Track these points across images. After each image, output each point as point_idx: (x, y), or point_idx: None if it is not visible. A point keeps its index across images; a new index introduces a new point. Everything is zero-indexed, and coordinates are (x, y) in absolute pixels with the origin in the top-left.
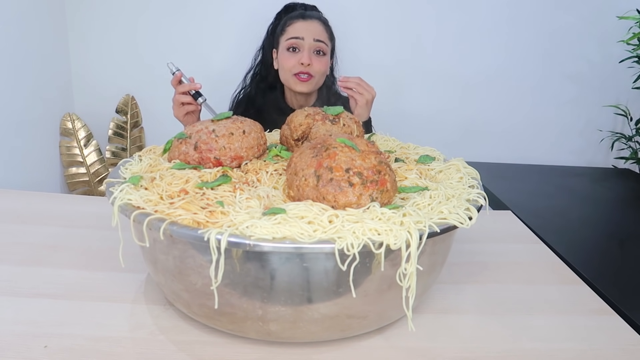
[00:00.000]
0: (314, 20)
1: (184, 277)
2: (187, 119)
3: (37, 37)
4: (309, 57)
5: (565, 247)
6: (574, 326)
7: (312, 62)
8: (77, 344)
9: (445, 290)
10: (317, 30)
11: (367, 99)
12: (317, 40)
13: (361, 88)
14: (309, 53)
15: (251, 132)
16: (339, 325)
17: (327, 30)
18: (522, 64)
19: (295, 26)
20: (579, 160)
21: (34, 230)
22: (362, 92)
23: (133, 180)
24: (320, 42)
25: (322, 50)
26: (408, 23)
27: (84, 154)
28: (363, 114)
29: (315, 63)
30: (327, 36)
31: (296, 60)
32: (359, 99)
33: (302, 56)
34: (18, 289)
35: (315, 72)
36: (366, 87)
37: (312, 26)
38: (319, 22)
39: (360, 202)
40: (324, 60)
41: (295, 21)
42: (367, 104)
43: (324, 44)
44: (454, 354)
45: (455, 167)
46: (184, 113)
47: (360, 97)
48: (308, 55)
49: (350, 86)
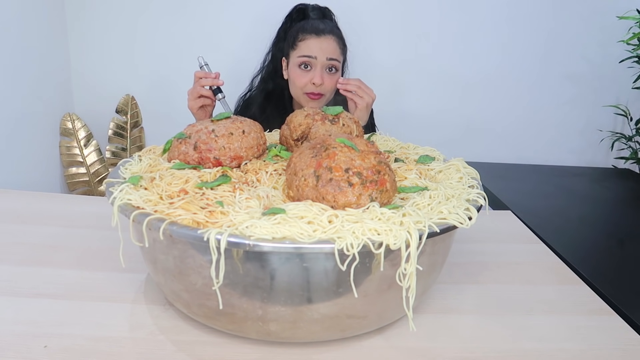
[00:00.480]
0: (328, 37)
1: (183, 277)
2: (200, 113)
3: (36, 37)
4: (321, 77)
5: (564, 247)
6: (573, 326)
7: (324, 81)
8: (77, 344)
9: (445, 290)
10: (330, 47)
11: (367, 102)
12: (330, 59)
13: (361, 91)
14: (321, 72)
15: (251, 132)
16: (339, 325)
17: (340, 44)
18: (522, 64)
19: (308, 43)
20: (579, 160)
21: (34, 230)
22: (362, 95)
23: (133, 180)
24: (333, 60)
25: (334, 67)
26: (408, 23)
27: (84, 154)
28: (363, 117)
29: (327, 82)
30: (340, 52)
31: (308, 79)
32: (359, 102)
33: (314, 75)
34: (18, 289)
35: (327, 91)
36: (366, 90)
37: (326, 43)
38: (333, 37)
39: (360, 202)
40: (336, 77)
41: (307, 37)
42: (367, 107)
43: (337, 60)
44: (454, 354)
45: (455, 167)
46: (199, 106)
47: (360, 101)
48: (320, 75)
49: (350, 89)
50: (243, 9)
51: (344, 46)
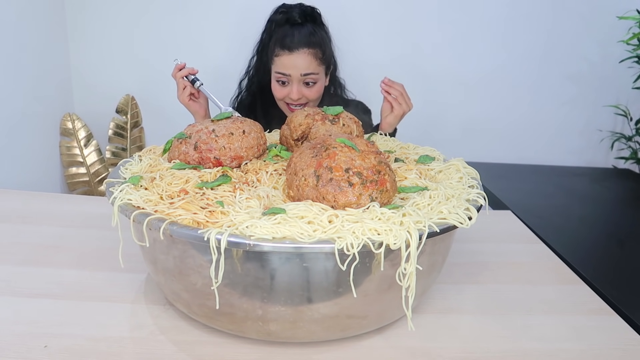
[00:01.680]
0: (301, 52)
1: (184, 277)
2: (191, 105)
3: (36, 37)
4: (297, 92)
5: (565, 247)
6: (573, 326)
7: (303, 93)
8: (77, 344)
9: (445, 290)
10: (304, 63)
11: (404, 110)
12: (305, 74)
13: (402, 98)
14: (298, 87)
15: (251, 132)
16: (339, 325)
17: (318, 55)
18: (522, 64)
19: (282, 60)
20: (578, 160)
21: (34, 230)
22: (402, 102)
23: (133, 180)
24: (309, 74)
25: (311, 80)
26: (408, 23)
27: (84, 154)
28: (393, 123)
29: (307, 93)
30: (317, 63)
31: (286, 93)
32: (396, 108)
33: (290, 91)
34: (18, 289)
35: (309, 99)
36: (406, 99)
37: (299, 60)
38: (307, 51)
39: (360, 202)
40: (315, 88)
41: (281, 54)
42: (402, 115)
43: (314, 74)
44: (454, 354)
45: (455, 167)
46: (187, 96)
47: (398, 107)
48: (297, 90)
49: (392, 92)
50: (243, 8)
51: (324, 53)
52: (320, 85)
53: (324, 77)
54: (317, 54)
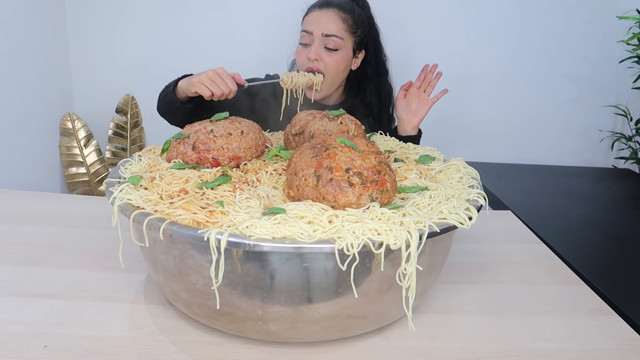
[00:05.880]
0: (330, 10)
1: (184, 277)
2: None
3: (36, 38)
4: (315, 52)
5: (565, 247)
6: (574, 326)
7: (321, 57)
8: (77, 344)
9: (445, 290)
10: (329, 23)
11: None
12: (327, 35)
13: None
14: (317, 48)
15: (249, 132)
16: (339, 325)
17: (348, 21)
18: (522, 64)
19: (309, 17)
20: (578, 160)
21: (34, 230)
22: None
23: (133, 180)
24: (331, 36)
25: (334, 46)
26: (408, 24)
27: (84, 154)
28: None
29: (326, 59)
30: (344, 28)
31: (305, 55)
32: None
33: (309, 51)
34: (18, 289)
35: (326, 70)
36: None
37: (325, 17)
38: (337, 11)
39: (360, 202)
40: (336, 57)
41: (310, 11)
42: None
43: (337, 38)
44: (454, 354)
45: (455, 167)
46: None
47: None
48: (315, 50)
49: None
50: (243, 9)
51: (357, 26)
52: (342, 56)
53: (350, 51)
54: (346, 19)
